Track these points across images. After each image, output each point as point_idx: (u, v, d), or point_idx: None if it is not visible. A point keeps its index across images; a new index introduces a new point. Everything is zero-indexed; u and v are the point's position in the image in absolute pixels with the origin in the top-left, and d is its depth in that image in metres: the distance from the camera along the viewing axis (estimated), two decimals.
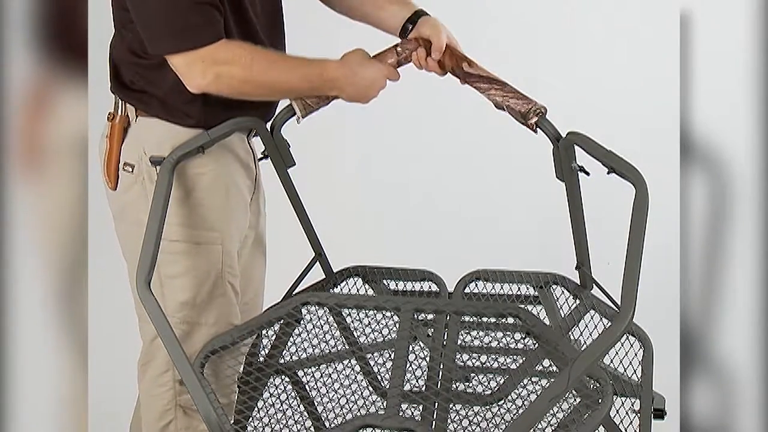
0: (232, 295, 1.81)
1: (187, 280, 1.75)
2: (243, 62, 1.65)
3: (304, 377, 1.84)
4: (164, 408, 1.80)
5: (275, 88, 1.72)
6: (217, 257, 1.77)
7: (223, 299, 1.79)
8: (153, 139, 1.74)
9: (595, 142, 1.62)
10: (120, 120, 1.76)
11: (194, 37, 1.62)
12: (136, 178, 1.75)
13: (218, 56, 1.64)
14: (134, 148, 1.76)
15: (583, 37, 3.48)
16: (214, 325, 1.78)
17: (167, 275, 1.75)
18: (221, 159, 1.78)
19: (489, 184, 3.49)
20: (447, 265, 2.07)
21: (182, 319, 1.76)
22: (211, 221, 1.76)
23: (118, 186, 1.78)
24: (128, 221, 1.79)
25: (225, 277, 1.79)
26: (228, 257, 1.79)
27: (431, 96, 2.89)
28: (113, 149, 1.77)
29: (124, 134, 1.77)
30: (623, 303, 1.40)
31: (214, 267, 1.77)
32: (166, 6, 1.60)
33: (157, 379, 1.79)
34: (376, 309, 1.76)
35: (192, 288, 1.76)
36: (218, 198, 1.77)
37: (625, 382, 1.75)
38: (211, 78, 1.65)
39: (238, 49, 1.66)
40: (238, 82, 1.67)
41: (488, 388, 1.75)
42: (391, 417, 1.50)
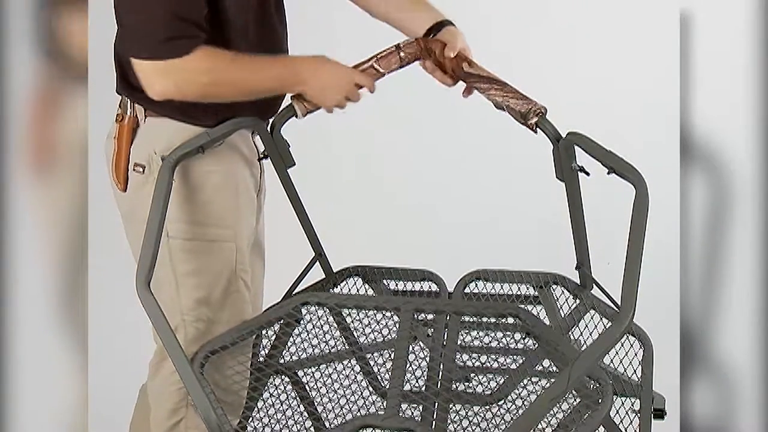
0: (245, 291, 1.82)
1: (201, 278, 1.76)
2: (203, 68, 1.65)
3: (304, 377, 1.84)
4: (175, 406, 1.80)
5: (239, 90, 1.72)
6: (230, 254, 1.78)
7: (238, 296, 1.80)
8: (163, 139, 1.74)
9: (595, 142, 1.62)
10: (129, 121, 1.76)
11: (166, 48, 1.62)
12: (146, 178, 1.75)
13: (177, 66, 1.63)
14: (144, 148, 1.76)
15: (583, 37, 3.48)
16: (228, 322, 1.79)
17: (181, 273, 1.75)
18: (229, 157, 1.78)
19: (489, 184, 3.49)
20: (447, 265, 2.07)
21: (198, 317, 1.76)
22: (223, 219, 1.77)
23: (128, 187, 1.78)
24: (139, 222, 1.77)
25: (238, 274, 1.80)
26: (240, 254, 1.80)
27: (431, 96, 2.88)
28: (122, 150, 1.77)
29: (133, 135, 1.77)
30: (623, 303, 1.40)
31: (228, 264, 1.78)
32: (145, 16, 1.60)
33: (170, 377, 1.79)
34: (376, 309, 1.76)
35: (207, 286, 1.76)
36: (228, 196, 1.78)
37: (625, 382, 1.75)
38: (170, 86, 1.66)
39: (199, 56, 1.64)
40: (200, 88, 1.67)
41: (488, 389, 1.76)
42: (391, 417, 1.50)
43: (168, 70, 1.63)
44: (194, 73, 1.65)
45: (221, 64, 1.67)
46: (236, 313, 1.80)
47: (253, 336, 1.81)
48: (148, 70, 1.65)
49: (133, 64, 1.66)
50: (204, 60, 1.64)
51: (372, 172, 3.54)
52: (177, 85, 1.65)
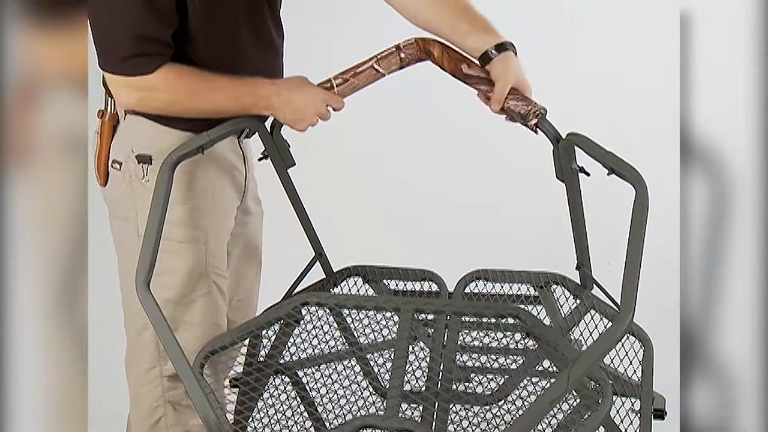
0: (218, 295, 1.81)
1: (170, 277, 1.75)
2: (167, 87, 1.66)
3: (304, 377, 1.83)
4: (153, 405, 1.80)
5: (203, 110, 1.72)
6: (201, 256, 1.77)
7: (208, 298, 1.79)
8: (140, 137, 1.75)
9: (595, 142, 1.62)
10: (109, 117, 1.78)
11: (126, 66, 1.63)
12: (123, 175, 1.76)
13: (142, 83, 1.65)
14: (122, 145, 1.77)
15: (583, 37, 3.48)
16: (199, 325, 1.78)
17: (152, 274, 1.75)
18: (206, 160, 1.78)
19: (489, 184, 3.50)
20: (447, 265, 2.07)
21: (166, 317, 1.76)
22: (194, 220, 1.77)
23: (108, 183, 1.79)
24: (117, 217, 1.81)
25: (210, 276, 1.79)
26: (212, 257, 1.79)
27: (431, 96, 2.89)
28: (103, 146, 1.78)
29: (113, 131, 1.78)
30: (623, 303, 1.40)
31: (198, 265, 1.77)
32: (108, 33, 1.61)
33: (144, 375, 1.79)
34: (376, 309, 1.76)
35: (175, 286, 1.76)
36: (201, 197, 1.78)
37: (625, 382, 1.74)
38: (134, 100, 1.69)
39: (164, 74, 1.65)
40: (164, 104, 1.69)
41: (488, 389, 1.75)
42: (391, 417, 1.50)
43: (132, 84, 1.66)
44: (157, 91, 1.67)
45: (185, 84, 1.68)
46: (206, 317, 1.79)
47: (252, 336, 1.81)
48: (113, 81, 1.68)
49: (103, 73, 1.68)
50: (168, 79, 1.66)
51: (372, 172, 3.55)
52: (141, 99, 1.68)
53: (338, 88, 1.81)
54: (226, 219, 1.84)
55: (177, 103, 1.69)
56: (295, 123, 1.78)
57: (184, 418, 1.80)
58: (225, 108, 1.74)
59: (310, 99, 1.77)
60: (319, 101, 1.78)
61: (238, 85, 1.73)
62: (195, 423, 1.80)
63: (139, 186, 1.74)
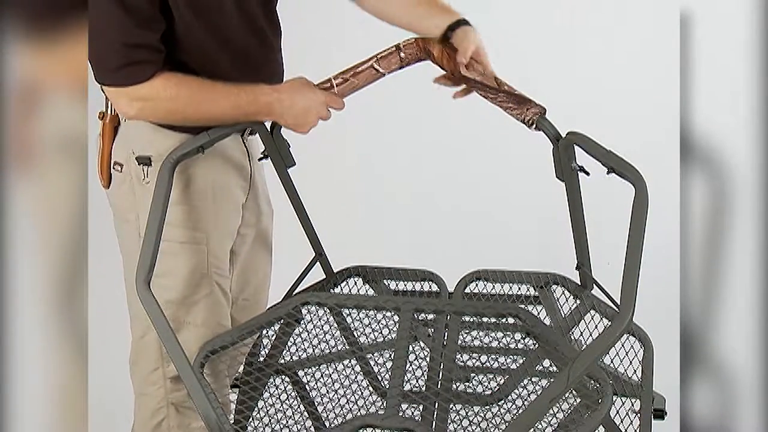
0: (220, 296, 1.81)
1: (171, 279, 1.75)
2: (167, 96, 1.66)
3: (305, 377, 1.84)
4: (156, 406, 1.80)
5: (205, 118, 1.72)
6: (201, 257, 1.77)
7: (210, 299, 1.79)
8: (141, 139, 1.75)
9: (595, 142, 1.62)
10: (110, 119, 1.78)
11: (119, 76, 1.64)
12: (124, 177, 1.77)
13: (140, 93, 1.65)
14: (123, 147, 1.77)
15: (583, 37, 3.48)
16: (202, 325, 1.78)
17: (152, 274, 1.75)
18: (209, 160, 1.78)
19: (489, 184, 3.50)
20: (447, 265, 2.07)
21: (168, 317, 1.76)
22: (195, 221, 1.77)
23: (111, 184, 1.79)
24: (119, 218, 1.81)
25: (212, 277, 1.79)
26: (214, 258, 1.79)
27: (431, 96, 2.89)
28: (105, 148, 1.79)
29: (114, 133, 1.78)
30: (623, 303, 1.40)
31: (199, 266, 1.77)
32: (97, 45, 1.60)
33: (148, 377, 1.79)
34: (376, 309, 1.76)
35: (177, 287, 1.76)
36: (203, 198, 1.78)
37: (625, 382, 1.75)
38: (135, 110, 1.69)
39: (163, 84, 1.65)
40: (165, 113, 1.70)
41: (488, 389, 1.76)
42: (391, 417, 1.50)
43: (130, 95, 1.66)
44: (156, 100, 1.67)
45: (186, 93, 1.68)
46: (209, 317, 1.79)
47: (252, 336, 1.81)
48: (112, 94, 1.69)
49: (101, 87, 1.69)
50: (166, 88, 1.66)
51: (372, 172, 3.55)
52: (141, 109, 1.68)
53: (338, 87, 1.82)
54: (229, 219, 1.84)
55: (178, 112, 1.69)
56: (297, 127, 1.79)
57: (186, 420, 1.80)
58: (227, 116, 1.74)
59: (311, 103, 1.77)
60: (320, 104, 1.78)
61: (239, 94, 1.72)
62: (197, 425, 1.80)
63: (139, 187, 1.74)
